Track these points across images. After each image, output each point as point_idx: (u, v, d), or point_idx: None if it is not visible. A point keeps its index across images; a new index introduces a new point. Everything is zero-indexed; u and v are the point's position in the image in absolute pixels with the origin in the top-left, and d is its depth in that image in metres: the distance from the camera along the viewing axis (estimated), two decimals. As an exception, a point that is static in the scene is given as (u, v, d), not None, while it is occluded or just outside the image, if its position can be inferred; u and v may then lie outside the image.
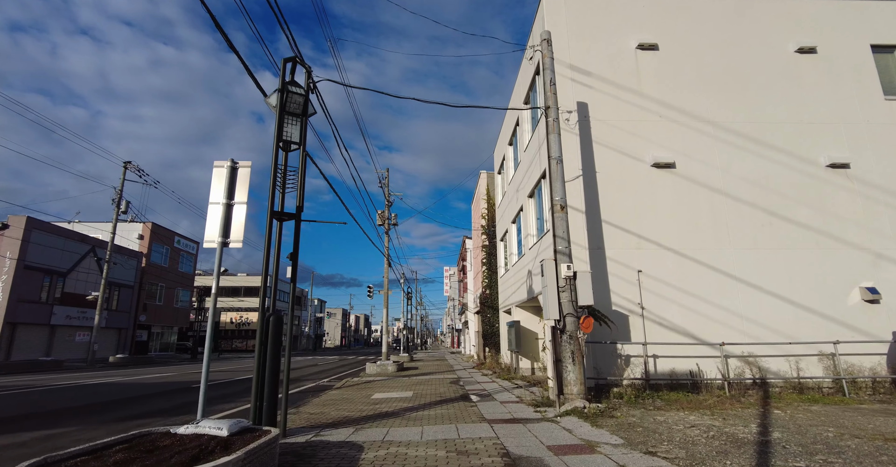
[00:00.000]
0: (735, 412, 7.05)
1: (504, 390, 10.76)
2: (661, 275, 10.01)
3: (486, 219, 21.80)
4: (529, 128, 14.00)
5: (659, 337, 9.60)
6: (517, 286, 15.12)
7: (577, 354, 7.61)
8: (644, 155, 10.73)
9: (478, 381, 13.22)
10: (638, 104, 11.07)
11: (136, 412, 8.58)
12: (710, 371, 9.41)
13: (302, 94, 6.94)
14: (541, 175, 11.86)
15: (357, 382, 13.73)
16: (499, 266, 19.77)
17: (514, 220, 16.16)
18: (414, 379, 14.09)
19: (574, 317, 7.77)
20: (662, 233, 10.31)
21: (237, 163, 5.84)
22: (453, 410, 7.84)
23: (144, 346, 37.14)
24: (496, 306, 20.67)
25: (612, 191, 10.49)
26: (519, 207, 14.80)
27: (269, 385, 5.98)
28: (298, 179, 6.75)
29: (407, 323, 35.12)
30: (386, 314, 22.15)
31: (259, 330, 6.02)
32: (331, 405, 9.02)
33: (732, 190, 10.60)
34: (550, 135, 8.72)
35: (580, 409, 7.13)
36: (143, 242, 37.12)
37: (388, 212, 24.38)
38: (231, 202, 5.70)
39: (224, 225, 5.54)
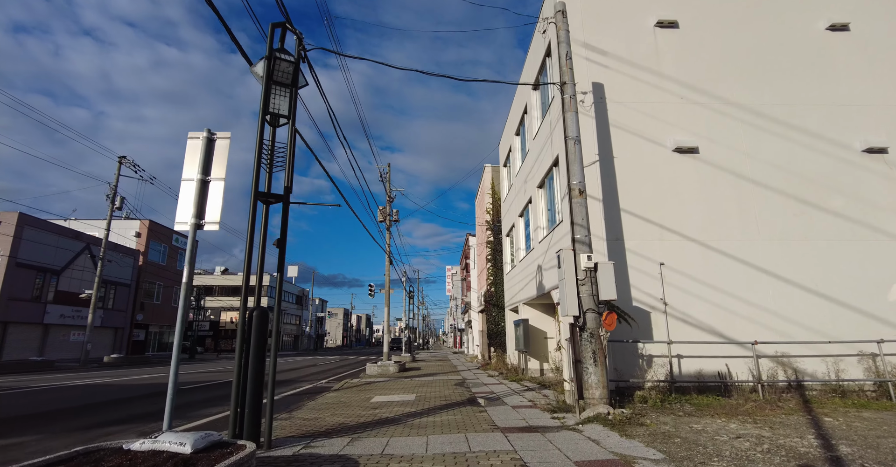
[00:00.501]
0: (779, 419, 6.26)
1: (514, 393, 9.99)
2: (685, 268, 9.23)
3: (491, 214, 21.02)
4: (539, 115, 13.22)
5: (683, 335, 8.81)
6: (525, 282, 14.34)
7: (599, 354, 6.83)
8: (665, 139, 9.95)
9: (484, 383, 12.45)
10: (657, 85, 10.28)
11: (110, 417, 7.84)
12: (740, 372, 8.62)
13: (292, 62, 6.18)
14: (552, 162, 11.08)
15: (357, 384, 12.97)
16: (504, 262, 19.00)
17: (522, 214, 15.38)
18: (416, 381, 13.33)
19: (595, 313, 7.00)
20: (686, 222, 9.52)
21: (214, 135, 5.09)
22: (461, 416, 7.07)
23: (142, 346, 36.46)
24: (501, 304, 19.89)
25: (631, 177, 9.71)
26: (527, 199, 14.03)
27: (251, 389, 5.22)
28: (287, 157, 5.99)
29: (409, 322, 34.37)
30: (387, 313, 21.39)
31: (240, 327, 5.27)
32: (326, 409, 8.27)
33: (760, 176, 9.81)
34: (567, 114, 7.95)
35: (604, 416, 6.35)
36: (140, 240, 36.45)
37: (389, 209, 23.65)
38: (207, 178, 4.94)
39: (198, 204, 4.78)
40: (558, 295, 9.59)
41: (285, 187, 5.87)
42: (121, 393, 11.43)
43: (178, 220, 4.75)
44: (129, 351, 34.28)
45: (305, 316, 73.57)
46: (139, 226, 36.53)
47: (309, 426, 6.65)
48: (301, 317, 73.04)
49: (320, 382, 14.55)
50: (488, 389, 10.85)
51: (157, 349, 39.03)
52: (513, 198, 16.84)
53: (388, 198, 23.92)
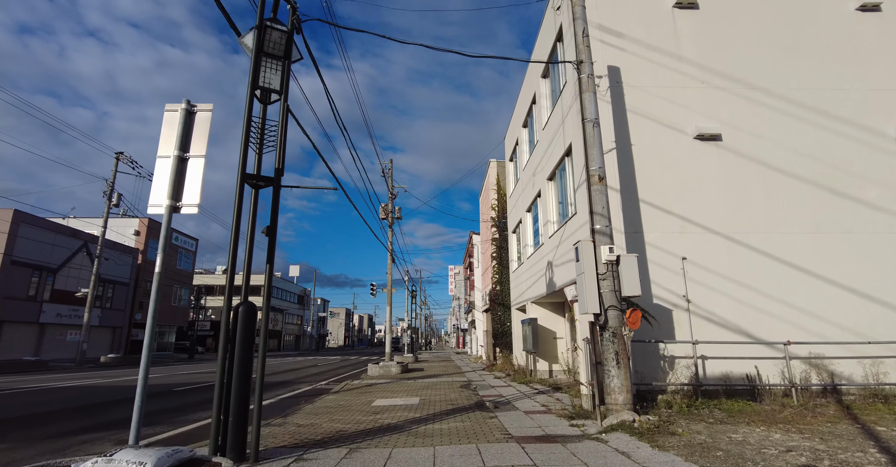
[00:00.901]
0: (825, 428, 5.63)
1: (524, 396, 9.37)
2: (709, 262, 8.60)
3: (497, 210, 20.39)
4: (548, 104, 12.61)
5: (708, 335, 8.18)
6: (534, 280, 13.73)
7: (622, 356, 6.21)
8: (685, 125, 9.32)
9: (491, 385, 11.83)
10: (677, 69, 9.66)
11: (90, 423, 7.25)
12: (770, 375, 7.98)
13: (284, 31, 5.59)
14: (564, 152, 10.46)
15: (357, 386, 12.38)
16: (510, 260, 18.38)
17: (530, 208, 14.76)
18: (420, 383, 12.72)
19: (618, 311, 6.38)
20: (709, 214, 8.89)
21: (195, 107, 4.50)
22: (469, 423, 6.46)
23: (141, 346, 35.95)
24: (507, 303, 19.27)
25: (651, 166, 9.08)
26: (536, 193, 13.41)
27: (237, 394, 4.63)
28: (279, 136, 5.40)
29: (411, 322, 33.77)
30: (389, 312, 20.79)
31: (224, 324, 4.68)
32: (324, 414, 7.67)
33: (788, 165, 9.17)
34: (584, 94, 7.33)
35: (629, 423, 5.73)
36: (139, 238, 35.97)
37: (391, 205, 23.09)
38: (185, 155, 4.35)
39: (175, 183, 4.19)
40: (572, 292, 8.97)
41: (276, 169, 5.28)
42: (109, 396, 10.86)
43: (151, 202, 4.16)
44: (128, 350, 33.78)
45: (307, 316, 73.07)
46: (138, 225, 36.05)
47: (304, 434, 6.05)
48: (303, 316, 72.53)
49: (320, 384, 13.96)
50: (496, 392, 10.23)
51: (156, 348, 38.52)
52: (520, 192, 16.23)
53: (390, 194, 23.36)
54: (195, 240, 43.60)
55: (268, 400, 10.06)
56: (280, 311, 63.40)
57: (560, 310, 14.19)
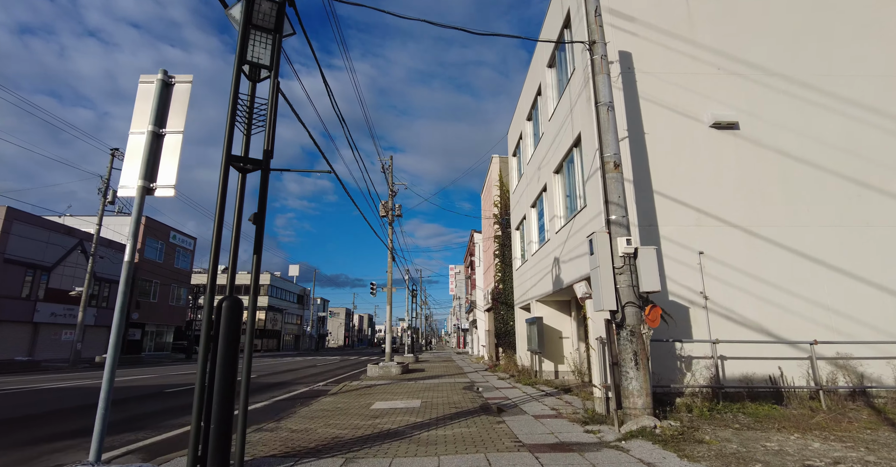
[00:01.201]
0: (866, 436, 5.16)
1: (532, 399, 8.90)
2: (727, 257, 8.12)
3: (499, 207, 19.92)
4: (555, 95, 12.13)
5: (726, 333, 7.70)
6: (539, 277, 13.25)
7: (641, 356, 5.74)
8: (701, 113, 8.84)
9: (496, 387, 11.36)
10: (691, 54, 9.18)
11: (63, 429, 6.78)
12: (794, 376, 7.51)
13: (275, 1, 5.12)
14: (573, 142, 9.99)
15: (356, 387, 11.91)
16: (514, 258, 17.90)
17: (535, 204, 14.28)
18: (421, 384, 12.25)
19: (636, 308, 5.91)
20: (726, 206, 8.42)
21: (172, 78, 4.02)
22: (476, 429, 5.99)
23: (137, 346, 35.48)
24: (511, 302, 18.79)
25: (665, 156, 8.61)
26: (541, 187, 12.93)
27: (219, 400, 4.16)
28: (268, 116, 4.93)
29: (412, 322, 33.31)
30: (389, 311, 20.33)
31: (205, 321, 4.21)
32: (320, 418, 7.20)
33: (810, 155, 8.69)
34: (597, 77, 6.86)
35: (650, 430, 5.26)
36: (136, 237, 35.47)
37: (391, 203, 22.64)
38: (161, 131, 3.88)
39: (148, 162, 3.72)
40: (582, 289, 8.50)
41: (265, 151, 4.80)
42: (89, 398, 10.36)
43: (122, 183, 3.69)
44: (125, 350, 33.28)
45: (307, 315, 72.61)
46: (135, 223, 35.56)
47: (297, 440, 5.58)
48: (302, 316, 72.10)
49: (318, 385, 13.49)
50: (502, 394, 9.76)
51: (153, 349, 38.07)
52: (524, 188, 15.75)
53: (390, 191, 22.91)
54: (193, 238, 43.14)
55: (262, 403, 9.59)
56: (279, 311, 62.95)
57: (566, 309, 13.72)
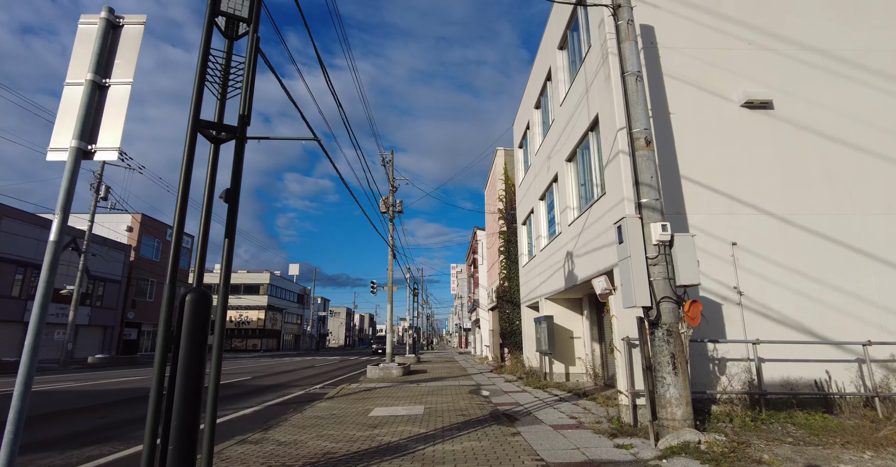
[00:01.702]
0: (950, 453, 4.38)
1: (545, 405, 8.13)
2: (763, 249, 7.35)
3: (504, 201, 19.14)
4: (567, 78, 11.36)
5: (763, 332, 6.93)
6: (549, 274, 12.48)
7: (679, 359, 4.97)
8: (730, 92, 8.07)
9: (504, 390, 10.59)
10: (719, 28, 8.40)
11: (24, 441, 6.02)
12: (843, 381, 6.73)
13: (253, -60, 4.36)
14: (588, 126, 9.21)
15: (354, 390, 11.14)
16: (520, 254, 17.13)
17: (544, 196, 13.51)
18: (424, 387, 11.49)
19: (673, 303, 5.14)
20: (761, 193, 7.65)
21: (121, 19, 3.26)
22: (488, 442, 5.22)
23: (134, 346, 34.79)
24: (516, 300, 18.02)
25: (691, 138, 7.84)
26: (552, 177, 12.16)
27: (181, 412, 3.39)
28: (245, 77, 4.17)
29: (413, 322, 32.55)
30: (390, 310, 19.57)
31: (163, 317, 3.45)
32: (313, 427, 6.44)
33: (852, 137, 7.91)
34: (623, 44, 6.08)
35: (694, 445, 4.49)
36: (131, 234, 34.79)
37: (392, 198, 21.92)
38: (104, 81, 3.12)
39: (86, 118, 2.96)
40: (601, 284, 7.74)
41: (240, 116, 4.03)
42: (73, 402, 9.63)
43: (52, 145, 2.93)
44: (120, 350, 32.62)
45: (307, 315, 71.90)
46: (131, 220, 34.88)
47: (282, 456, 4.82)
48: (303, 316, 71.40)
49: (314, 387, 12.74)
50: (512, 400, 8.99)
51: (150, 349, 37.34)
52: (531, 180, 14.97)
53: (391, 187, 22.19)
54: (191, 236, 42.39)
55: (251, 408, 8.84)
56: (279, 311, 62.26)
57: (577, 307, 12.94)
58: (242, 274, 61.31)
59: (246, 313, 57.90)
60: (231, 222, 3.85)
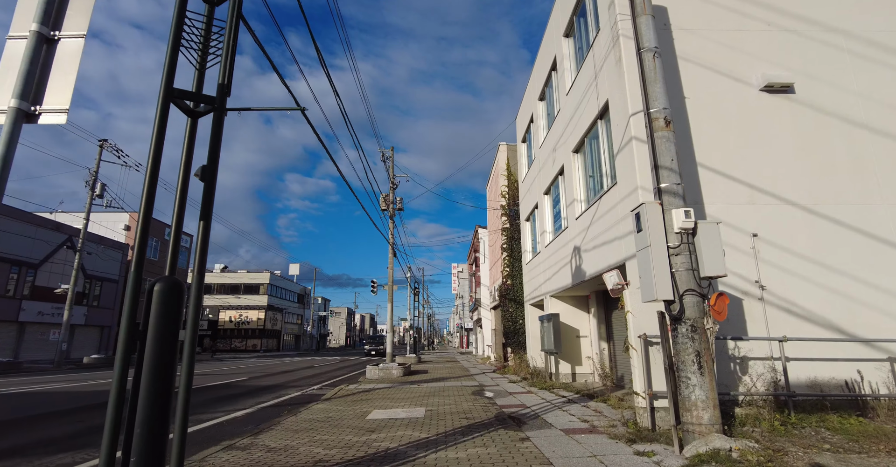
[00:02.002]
0: None
1: (553, 407, 7.69)
2: (786, 240, 6.90)
3: (507, 197, 18.69)
4: (573, 67, 10.92)
5: (787, 329, 6.48)
6: (554, 270, 12.03)
7: (705, 357, 4.53)
8: (749, 75, 7.62)
9: (508, 391, 10.15)
10: (735, 9, 7.96)
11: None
12: (875, 382, 6.28)
13: None
14: (598, 113, 8.77)
15: (353, 391, 10.70)
16: (524, 251, 16.67)
17: (549, 190, 13.07)
18: (425, 388, 11.04)
19: (697, 297, 4.69)
20: (783, 181, 7.20)
21: (74, -36, 2.82)
22: (496, 449, 4.78)
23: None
24: (520, 299, 17.58)
25: (708, 124, 7.39)
26: (557, 170, 11.71)
27: (145, 419, 2.96)
28: (226, 42, 3.74)
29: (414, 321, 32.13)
30: (390, 310, 19.14)
31: (126, 309, 3.02)
32: (306, 431, 6.01)
33: (879, 123, 7.46)
34: (639, 19, 5.65)
35: (724, 453, 4.04)
36: (129, 233, 34.39)
37: (392, 196, 21.49)
38: (53, 34, 2.69)
39: (29, 75, 2.52)
40: (613, 279, 7.30)
41: (220, 85, 3.60)
42: (58, 404, 9.20)
43: (-10, 107, 2.49)
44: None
45: (307, 315, 71.50)
46: (129, 219, 34.49)
47: (270, 464, 4.39)
48: (303, 316, 70.98)
49: (311, 388, 12.30)
50: (517, 401, 8.55)
51: (148, 349, 36.95)
52: (535, 174, 14.52)
53: (391, 184, 21.77)
54: (189, 236, 41.98)
55: (244, 411, 8.41)
56: (279, 311, 61.86)
57: (584, 305, 12.50)
58: (242, 273, 60.92)
59: (246, 313, 57.47)
60: (207, 203, 3.42)
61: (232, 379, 15.42)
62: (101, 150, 24.38)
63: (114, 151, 24.76)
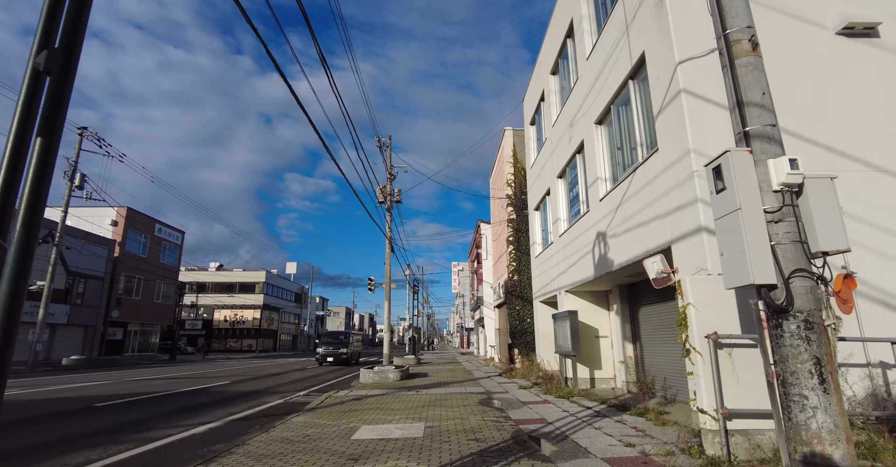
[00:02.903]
0: None
1: (581, 422, 6.29)
2: (878, 215, 5.52)
3: (514, 186, 17.30)
4: (593, 28, 9.55)
5: (887, 327, 5.10)
6: (571, 262, 10.66)
7: (828, 367, 3.13)
8: (822, 15, 6.24)
9: (521, 400, 8.75)
10: (801, -59, 6.57)
11: None
12: None
13: None
14: (628, 74, 7.38)
15: (342, 398, 9.31)
16: (532, 243, 15.28)
17: (564, 173, 11.68)
18: (424, 396, 9.65)
19: (810, 280, 3.29)
20: (869, 144, 5.82)
21: None
22: (524, 495, 3.37)
23: (119, 346, 32.99)
24: (527, 296, 16.19)
25: (775, 75, 5.97)
26: (575, 148, 10.32)
27: None
28: None
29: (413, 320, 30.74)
30: (388, 307, 17.72)
31: None
32: (271, 458, 4.62)
33: (982, 74, 6.07)
34: (710, -86, 4.23)
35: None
36: (116, 229, 32.99)
37: (390, 187, 20.10)
38: None
39: None
40: (656, 266, 5.92)
41: None
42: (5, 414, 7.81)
43: None
44: (104, 351, 30.81)
45: (304, 314, 70.06)
46: (116, 214, 33.07)
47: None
48: (300, 315, 69.55)
49: (297, 395, 10.91)
50: (535, 414, 7.15)
51: (137, 349, 35.56)
52: (546, 157, 13.13)
53: (388, 175, 20.38)
54: (181, 232, 40.63)
55: (208, 425, 7.02)
56: (276, 310, 60.45)
57: (603, 301, 11.11)
58: (238, 272, 59.55)
59: (241, 312, 56.07)
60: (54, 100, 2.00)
61: (212, 383, 14.03)
62: (80, 139, 22.99)
63: (94, 140, 23.37)
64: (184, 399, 10.25)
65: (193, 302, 57.09)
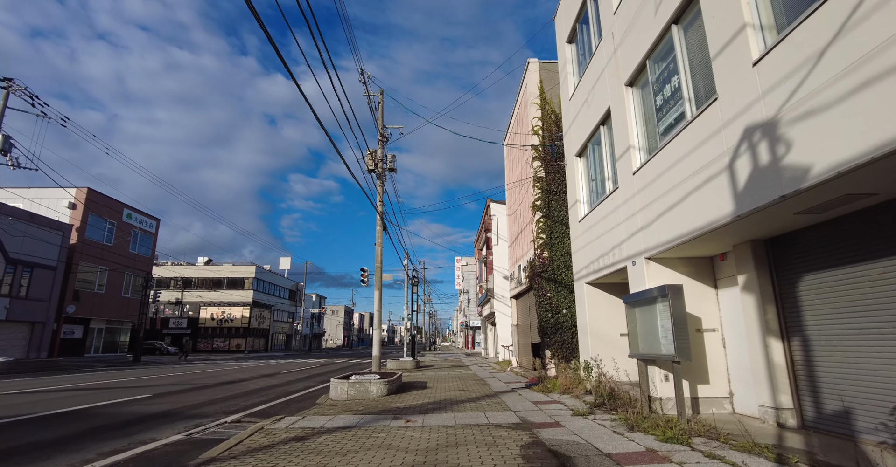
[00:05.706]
0: None
1: None
2: None
3: (542, 133, 13.12)
4: None
5: None
6: (664, 206, 6.48)
7: None
8: None
9: (598, 448, 4.55)
10: None
11: None
12: None
13: None
14: None
15: (274, 439, 5.11)
16: (575, 203, 11.02)
17: (641, 72, 7.49)
18: (418, 436, 5.46)
19: None
20: None
21: None
22: None
23: (78, 346, 28.93)
24: (563, 279, 11.99)
25: None
26: (653, 40, 6.11)
27: None
28: None
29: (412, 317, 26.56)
30: (378, 297, 13.53)
31: None
32: None
33: None
34: None
35: None
36: (74, 213, 28.94)
37: (382, 152, 16.14)
38: None
39: None
40: None
41: None
42: None
43: None
44: (56, 352, 26.78)
45: (299, 313, 65.92)
46: (75, 195, 29.03)
47: None
48: (295, 314, 65.37)
49: (218, 422, 6.73)
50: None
51: (101, 349, 31.49)
52: (603, 66, 8.90)
53: (379, 136, 16.36)
54: (156, 219, 36.54)
55: None
56: (267, 308, 56.34)
57: (706, 274, 6.94)
58: (226, 266, 55.46)
59: (229, 310, 51.96)
60: None
61: (120, 398, 9.88)
62: (6, 94, 18.90)
63: (25, 96, 19.26)
64: (26, 431, 6.09)
65: (178, 298, 53.21)
